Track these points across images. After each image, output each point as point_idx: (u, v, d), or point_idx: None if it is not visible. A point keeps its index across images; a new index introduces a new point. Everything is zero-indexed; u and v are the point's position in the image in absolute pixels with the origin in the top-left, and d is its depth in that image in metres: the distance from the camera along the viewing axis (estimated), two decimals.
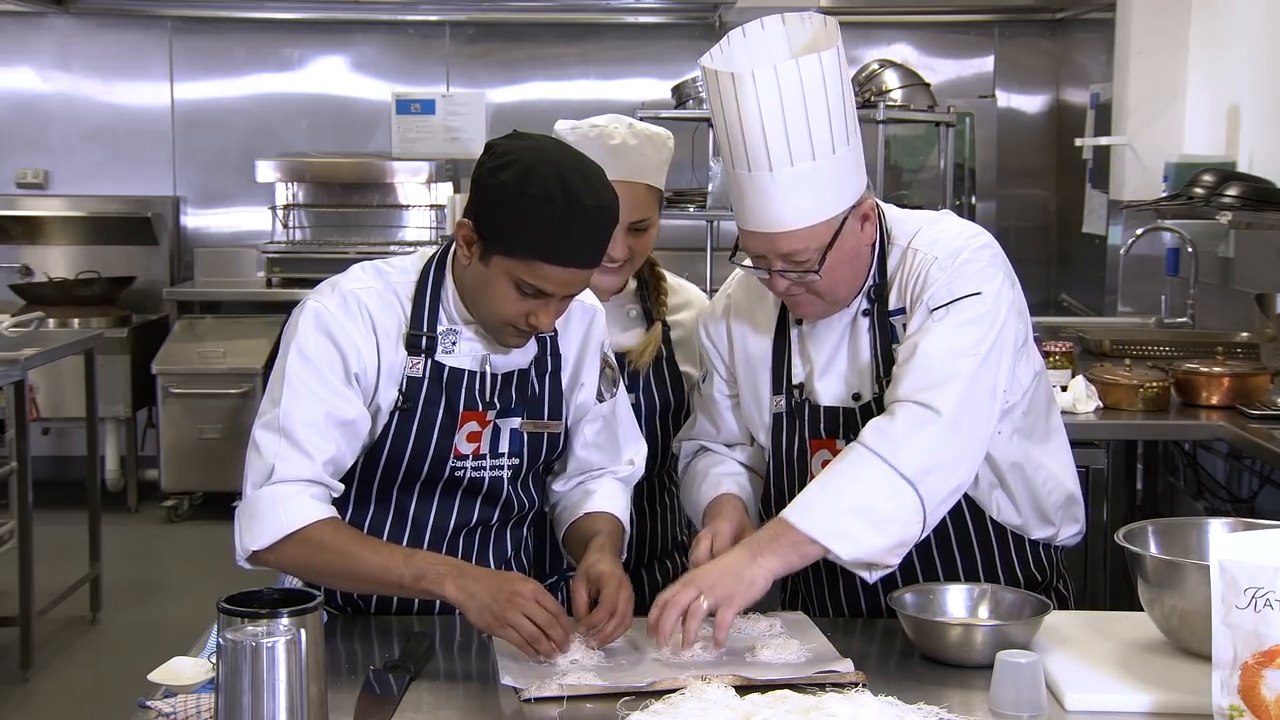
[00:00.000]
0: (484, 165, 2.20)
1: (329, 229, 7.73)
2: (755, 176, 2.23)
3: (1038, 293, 7.59)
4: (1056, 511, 2.45)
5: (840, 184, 2.26)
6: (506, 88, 7.83)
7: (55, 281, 7.35)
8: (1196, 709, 1.88)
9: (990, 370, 2.23)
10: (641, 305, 2.77)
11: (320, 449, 2.23)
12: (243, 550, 2.22)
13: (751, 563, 2.16)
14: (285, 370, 2.25)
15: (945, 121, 6.18)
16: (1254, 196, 4.59)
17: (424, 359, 2.30)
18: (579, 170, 2.18)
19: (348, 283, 2.31)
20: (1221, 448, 4.56)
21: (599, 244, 2.21)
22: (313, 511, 2.20)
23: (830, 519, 2.15)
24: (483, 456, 2.35)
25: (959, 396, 2.19)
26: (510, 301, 2.21)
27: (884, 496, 2.15)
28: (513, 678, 2.05)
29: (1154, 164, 5.75)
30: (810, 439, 2.41)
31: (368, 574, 2.18)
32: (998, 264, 2.32)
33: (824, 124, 2.21)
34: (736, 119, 2.21)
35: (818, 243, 2.25)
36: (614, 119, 2.65)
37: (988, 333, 2.24)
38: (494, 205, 2.17)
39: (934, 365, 2.21)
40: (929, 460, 2.17)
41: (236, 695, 1.68)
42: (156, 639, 4.93)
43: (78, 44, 7.75)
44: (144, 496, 7.27)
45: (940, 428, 2.17)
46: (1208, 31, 5.82)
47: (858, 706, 1.84)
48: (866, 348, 2.37)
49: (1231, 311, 5.18)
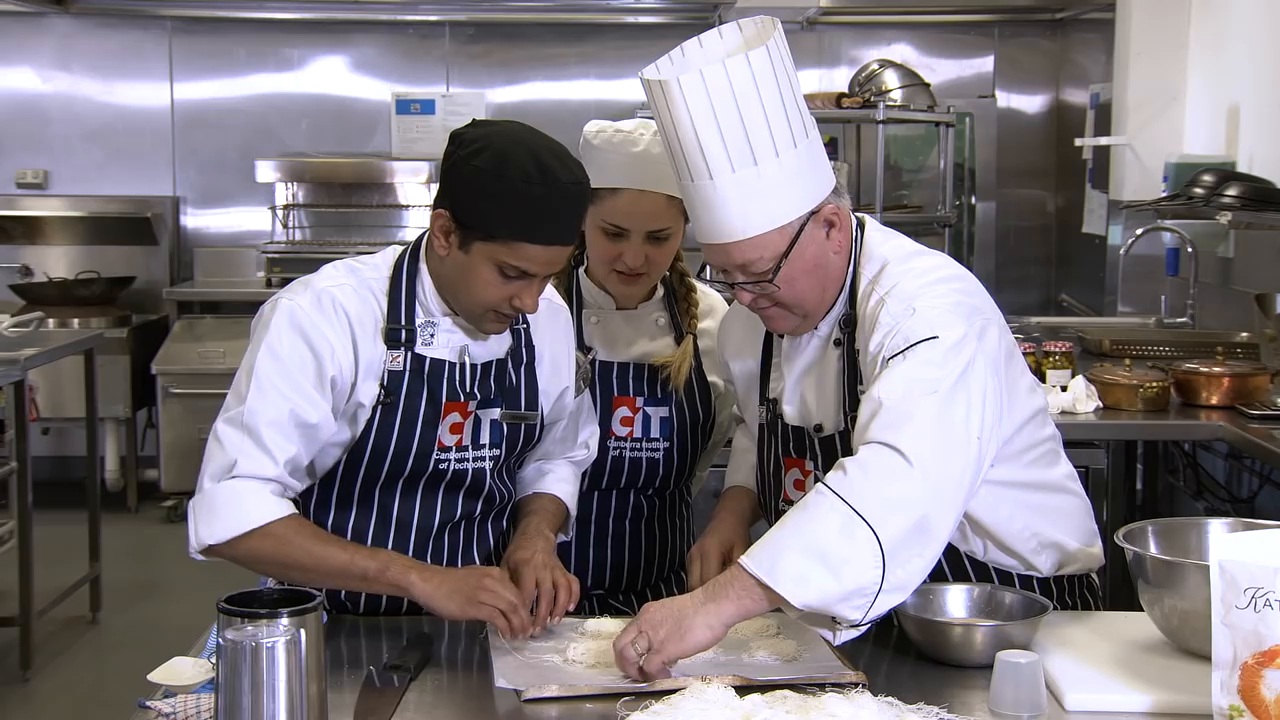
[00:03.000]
0: (455, 154, 2.23)
1: (329, 229, 7.74)
2: (698, 186, 2.17)
3: (1038, 293, 7.61)
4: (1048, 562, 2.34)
5: (791, 189, 2.18)
6: (506, 88, 7.83)
7: (55, 282, 7.35)
8: (1196, 709, 1.88)
9: (958, 409, 2.07)
10: (669, 314, 2.76)
11: (282, 449, 2.23)
12: (198, 543, 2.22)
13: (697, 610, 2.01)
14: (254, 367, 2.25)
15: (945, 122, 6.18)
16: (1254, 196, 4.59)
17: (404, 352, 2.30)
18: (550, 150, 2.22)
19: (321, 281, 2.31)
20: (1221, 448, 4.56)
21: (577, 220, 2.25)
22: (274, 509, 2.21)
23: (781, 561, 1.99)
24: (465, 448, 2.36)
25: (923, 435, 2.03)
26: (493, 286, 2.23)
27: (838, 537, 1.98)
28: (508, 680, 2.05)
29: (1154, 164, 5.76)
30: (784, 455, 2.39)
31: (331, 567, 2.19)
32: (959, 311, 2.16)
33: (762, 127, 2.14)
34: (672, 128, 2.16)
35: (772, 252, 2.18)
36: (641, 124, 2.63)
37: (946, 374, 2.08)
38: (471, 191, 2.19)
39: (893, 406, 2.06)
40: (888, 499, 2.00)
41: (236, 695, 1.67)
42: (156, 639, 4.94)
43: (78, 44, 7.75)
44: (144, 496, 7.27)
45: (902, 467, 2.01)
46: (1208, 31, 5.82)
47: (858, 707, 1.84)
48: (833, 379, 2.31)
49: (1231, 312, 5.18)
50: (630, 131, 2.61)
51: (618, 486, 2.72)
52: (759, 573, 1.99)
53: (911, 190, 7.19)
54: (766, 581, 1.99)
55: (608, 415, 2.69)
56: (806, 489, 2.32)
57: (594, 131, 2.63)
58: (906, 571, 2.02)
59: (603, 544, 2.73)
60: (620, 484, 2.72)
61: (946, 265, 2.27)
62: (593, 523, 2.72)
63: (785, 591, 1.98)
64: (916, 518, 2.01)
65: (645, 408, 2.69)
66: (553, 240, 2.21)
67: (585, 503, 2.67)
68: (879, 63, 6.45)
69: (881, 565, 1.98)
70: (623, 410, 2.70)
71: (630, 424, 2.70)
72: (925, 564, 2.05)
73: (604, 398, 2.69)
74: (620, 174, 2.58)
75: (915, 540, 2.01)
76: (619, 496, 2.73)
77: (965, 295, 2.22)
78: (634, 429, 2.70)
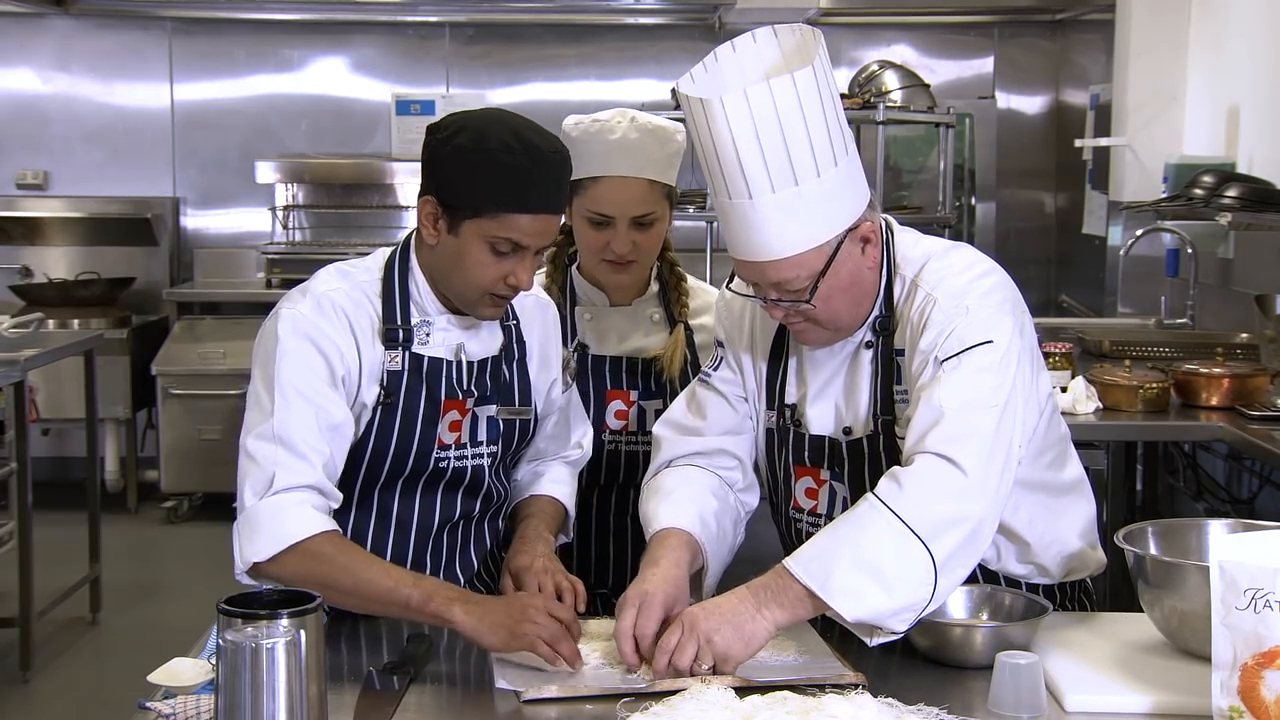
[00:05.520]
0: (434, 140, 2.26)
1: (329, 230, 7.73)
2: (736, 204, 2.12)
3: (1038, 293, 7.60)
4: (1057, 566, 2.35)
5: (830, 208, 2.14)
6: (506, 89, 7.83)
7: (55, 282, 7.35)
8: (1196, 710, 1.88)
9: (1009, 423, 2.10)
10: (664, 309, 2.76)
11: (318, 452, 2.23)
12: (243, 563, 2.21)
13: (755, 615, 2.04)
14: (273, 378, 2.24)
15: (945, 122, 6.18)
16: (1254, 197, 4.58)
17: (402, 352, 2.31)
18: (528, 125, 2.25)
19: (318, 286, 2.32)
20: (1221, 449, 4.56)
21: (560, 188, 2.27)
22: (314, 523, 2.19)
23: (835, 575, 2.01)
24: (464, 446, 2.37)
25: (982, 452, 2.06)
26: (487, 265, 2.24)
27: (893, 555, 2.01)
28: (509, 681, 2.05)
29: (1154, 165, 5.75)
30: (795, 464, 2.34)
31: (374, 592, 2.17)
32: (1005, 308, 2.18)
33: (804, 147, 2.09)
34: (712, 146, 2.10)
35: (809, 270, 2.15)
36: (618, 113, 2.66)
37: (1002, 382, 2.11)
38: (455, 171, 2.22)
39: (953, 418, 2.07)
40: (944, 517, 2.02)
41: (236, 696, 1.67)
42: (156, 640, 4.94)
43: (77, 45, 7.75)
44: (144, 497, 7.26)
45: (962, 484, 2.04)
46: (1208, 32, 5.82)
47: (858, 707, 1.84)
48: (866, 382, 2.27)
49: (1231, 312, 5.18)
50: (607, 120, 2.63)
51: (617, 482, 2.72)
52: (812, 585, 2.02)
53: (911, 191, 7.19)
54: (820, 595, 2.02)
55: (601, 409, 2.70)
56: (818, 498, 2.33)
57: (572, 124, 2.66)
58: (951, 582, 2.07)
59: (604, 541, 2.73)
60: (619, 479, 2.72)
61: (982, 259, 2.27)
62: (593, 520, 2.72)
63: (838, 606, 2.02)
64: (968, 532, 2.05)
65: (640, 401, 2.70)
66: (540, 208, 2.22)
67: (585, 501, 2.67)
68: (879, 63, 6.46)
69: (934, 582, 2.02)
70: (616, 404, 2.71)
71: (625, 417, 2.71)
72: (967, 572, 2.10)
73: (597, 392, 2.70)
74: (599, 162, 2.61)
75: (964, 553, 2.06)
76: (619, 493, 2.73)
77: (1008, 289, 2.23)
78: (629, 422, 2.71)
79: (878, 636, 2.07)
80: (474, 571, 2.46)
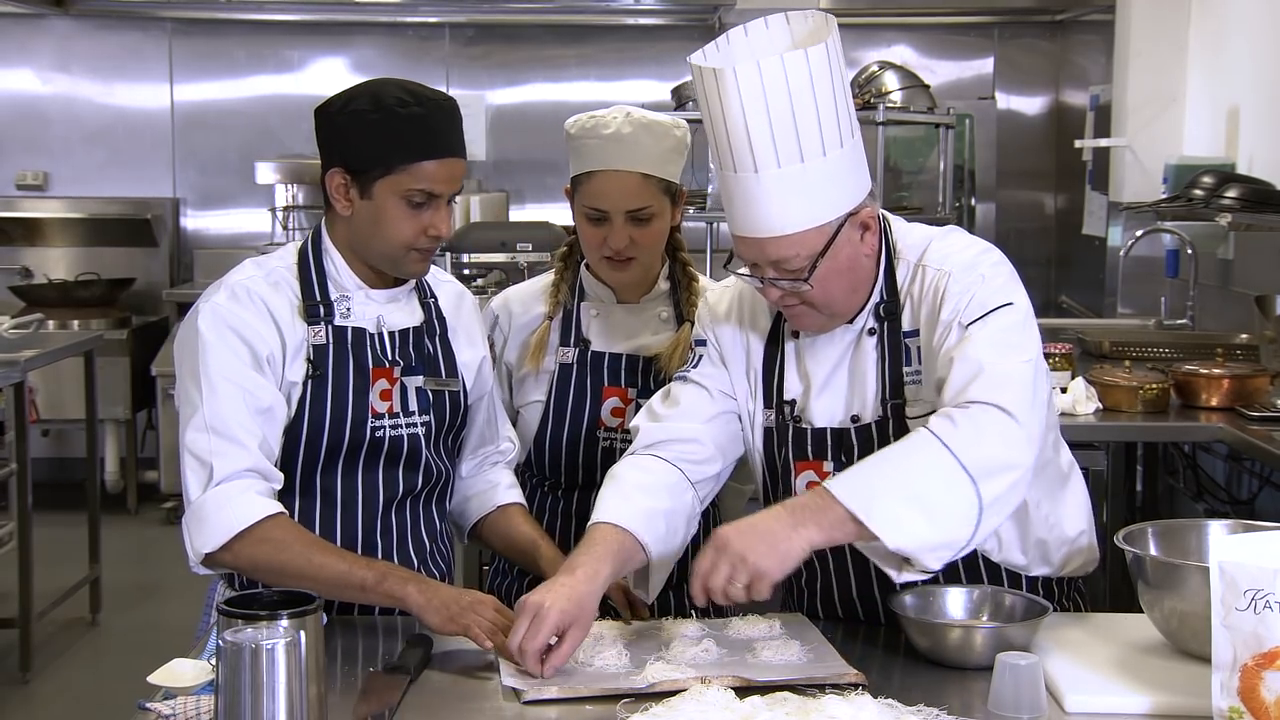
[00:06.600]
0: (328, 113, 2.34)
1: None
2: (741, 178, 2.14)
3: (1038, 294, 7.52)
4: (1059, 554, 2.37)
5: (833, 189, 2.16)
6: (506, 90, 7.83)
7: (55, 283, 7.35)
8: (1196, 711, 1.88)
9: (1041, 379, 2.16)
10: (674, 308, 2.75)
11: (252, 434, 2.28)
12: (195, 555, 2.25)
13: (792, 533, 2.03)
14: (198, 371, 2.29)
15: (945, 123, 6.17)
16: (1254, 198, 4.59)
17: (324, 326, 2.36)
18: (411, 82, 2.36)
19: (233, 277, 2.40)
20: (1221, 449, 4.56)
21: (458, 132, 2.36)
22: (261, 508, 2.24)
23: (880, 501, 2.02)
24: (397, 414, 2.41)
25: (1025, 399, 2.09)
26: (406, 220, 2.32)
27: (942, 489, 2.03)
28: (514, 679, 2.05)
29: (1153, 165, 5.76)
30: (795, 459, 2.34)
31: (330, 575, 2.21)
32: (1014, 279, 2.25)
33: (813, 124, 2.11)
34: (720, 117, 2.12)
35: (809, 250, 2.16)
36: (615, 110, 2.67)
37: (1029, 340, 2.18)
38: (358, 135, 2.30)
39: (992, 370, 2.09)
40: (996, 460, 2.05)
41: (236, 697, 1.68)
42: (156, 640, 4.94)
43: (77, 45, 7.76)
44: (144, 498, 7.27)
45: (1013, 429, 2.06)
46: (1208, 32, 5.83)
47: (857, 708, 1.84)
48: (872, 368, 2.28)
49: (1231, 313, 5.18)
50: (603, 116, 2.65)
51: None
52: (855, 509, 2.02)
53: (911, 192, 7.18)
54: (862, 519, 2.02)
55: (598, 406, 2.69)
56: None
57: (571, 123, 2.68)
58: (990, 526, 2.07)
59: None
60: None
61: (979, 239, 2.34)
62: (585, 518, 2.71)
63: (880, 531, 2.02)
64: (1015, 480, 2.07)
65: (638, 399, 2.68)
66: (444, 153, 2.31)
67: (586, 500, 2.66)
68: (879, 64, 6.45)
69: (976, 523, 2.04)
70: (613, 401, 2.70)
71: (622, 415, 2.70)
72: (1001, 521, 2.12)
73: (594, 388, 2.69)
74: (594, 157, 2.62)
75: (1007, 500, 2.07)
76: None
77: (1009, 264, 2.29)
78: (626, 420, 2.69)
79: (906, 572, 2.07)
80: (426, 552, 2.49)
